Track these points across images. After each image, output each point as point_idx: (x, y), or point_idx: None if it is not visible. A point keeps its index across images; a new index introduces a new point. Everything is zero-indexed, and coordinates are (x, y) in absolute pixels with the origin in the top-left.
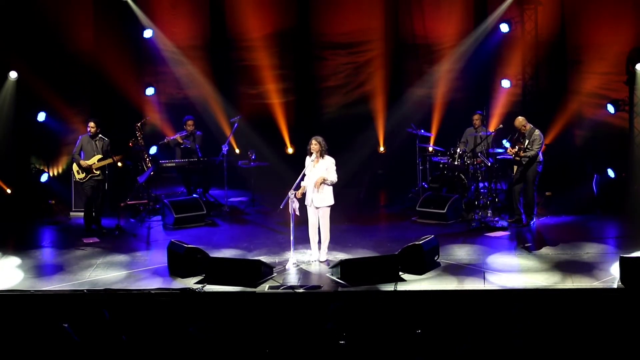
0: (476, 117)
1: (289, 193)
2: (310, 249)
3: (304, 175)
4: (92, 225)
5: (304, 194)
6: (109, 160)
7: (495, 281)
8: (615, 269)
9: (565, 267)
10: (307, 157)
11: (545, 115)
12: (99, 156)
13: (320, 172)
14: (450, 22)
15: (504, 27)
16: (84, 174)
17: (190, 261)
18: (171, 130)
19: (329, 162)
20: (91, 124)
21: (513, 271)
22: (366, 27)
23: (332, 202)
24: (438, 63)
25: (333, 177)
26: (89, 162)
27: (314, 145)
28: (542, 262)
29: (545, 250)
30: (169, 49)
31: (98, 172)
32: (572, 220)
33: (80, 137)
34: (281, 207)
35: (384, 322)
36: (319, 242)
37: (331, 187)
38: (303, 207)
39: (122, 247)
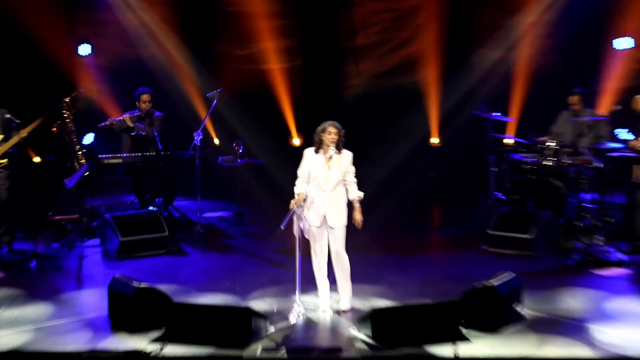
0: (575, 98)
1: (294, 205)
2: (320, 292)
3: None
4: None
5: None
6: (15, 139)
7: (609, 344)
8: None
9: None
10: (309, 151)
11: None
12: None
13: (338, 174)
14: None
15: None
16: None
17: (144, 308)
18: (116, 108)
19: (348, 160)
20: None
21: (636, 329)
22: None
23: (346, 219)
24: (519, 12)
25: (357, 189)
26: None
27: (333, 134)
28: None
29: None
30: None
31: (5, 161)
32: None
33: None
34: (282, 228)
35: None
36: (334, 280)
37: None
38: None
39: (40, 286)
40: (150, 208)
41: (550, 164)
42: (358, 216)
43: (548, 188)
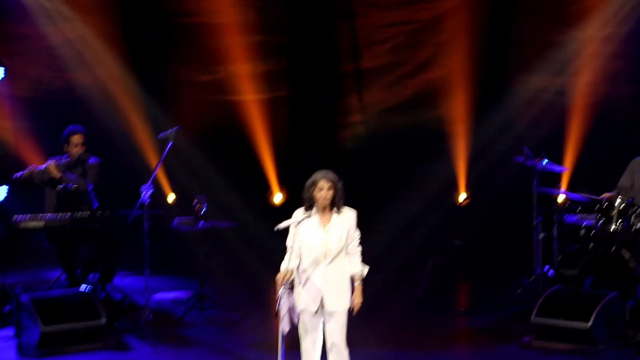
0: None
1: (278, 286)
2: None
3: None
4: None
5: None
6: None
7: None
8: None
9: None
10: (299, 211)
11: None
12: None
13: (339, 240)
14: None
15: None
16: None
17: None
18: (38, 153)
19: (351, 222)
20: None
21: None
22: None
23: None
24: (577, 24)
25: (362, 265)
26: None
27: (326, 189)
28: None
29: None
30: None
31: None
32: None
33: None
34: (279, 315)
35: None
36: None
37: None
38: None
39: None
40: (83, 287)
41: (616, 228)
42: (358, 299)
43: (613, 261)
